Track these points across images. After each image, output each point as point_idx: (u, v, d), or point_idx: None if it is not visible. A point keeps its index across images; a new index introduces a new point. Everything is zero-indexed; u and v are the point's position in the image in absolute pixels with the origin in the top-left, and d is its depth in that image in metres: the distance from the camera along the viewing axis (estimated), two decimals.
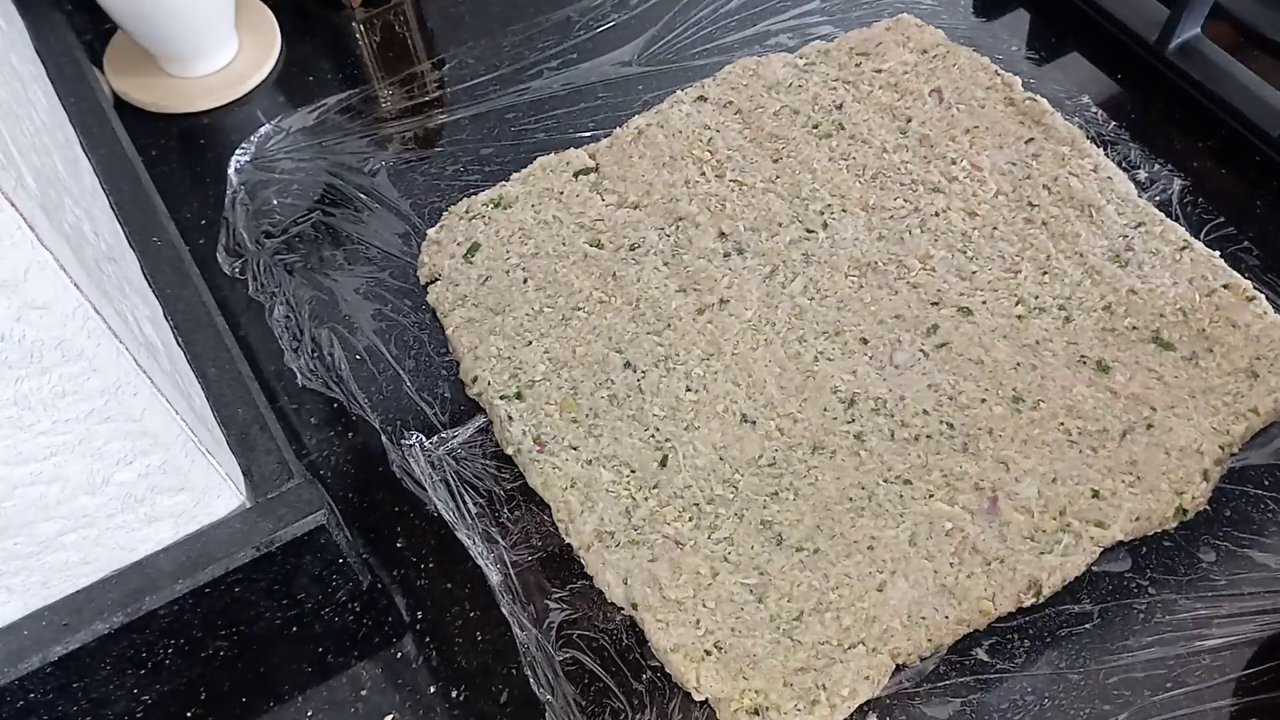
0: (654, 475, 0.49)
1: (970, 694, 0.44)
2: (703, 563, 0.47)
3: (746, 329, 0.54)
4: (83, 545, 0.40)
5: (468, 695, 0.46)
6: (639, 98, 0.67)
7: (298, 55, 0.72)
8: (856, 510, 0.48)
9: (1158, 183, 0.60)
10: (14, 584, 0.40)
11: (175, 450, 0.39)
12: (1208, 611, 0.46)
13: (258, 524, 0.43)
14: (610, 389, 0.52)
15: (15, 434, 0.35)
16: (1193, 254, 0.54)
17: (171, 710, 0.47)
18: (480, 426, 0.53)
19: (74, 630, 0.41)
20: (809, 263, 0.56)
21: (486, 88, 0.68)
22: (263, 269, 0.60)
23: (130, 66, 0.70)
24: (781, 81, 0.64)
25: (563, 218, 0.59)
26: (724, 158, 0.61)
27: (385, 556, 0.50)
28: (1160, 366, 0.51)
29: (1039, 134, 0.60)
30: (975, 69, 0.63)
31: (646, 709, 0.45)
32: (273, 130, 0.66)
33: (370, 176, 0.64)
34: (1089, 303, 0.53)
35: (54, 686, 0.42)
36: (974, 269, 0.55)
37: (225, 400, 0.47)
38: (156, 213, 0.55)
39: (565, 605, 0.47)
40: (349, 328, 0.58)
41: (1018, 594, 0.45)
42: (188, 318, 0.50)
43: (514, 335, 0.55)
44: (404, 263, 0.60)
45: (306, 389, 0.56)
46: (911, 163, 0.60)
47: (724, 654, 0.44)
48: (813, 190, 0.59)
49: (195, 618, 0.44)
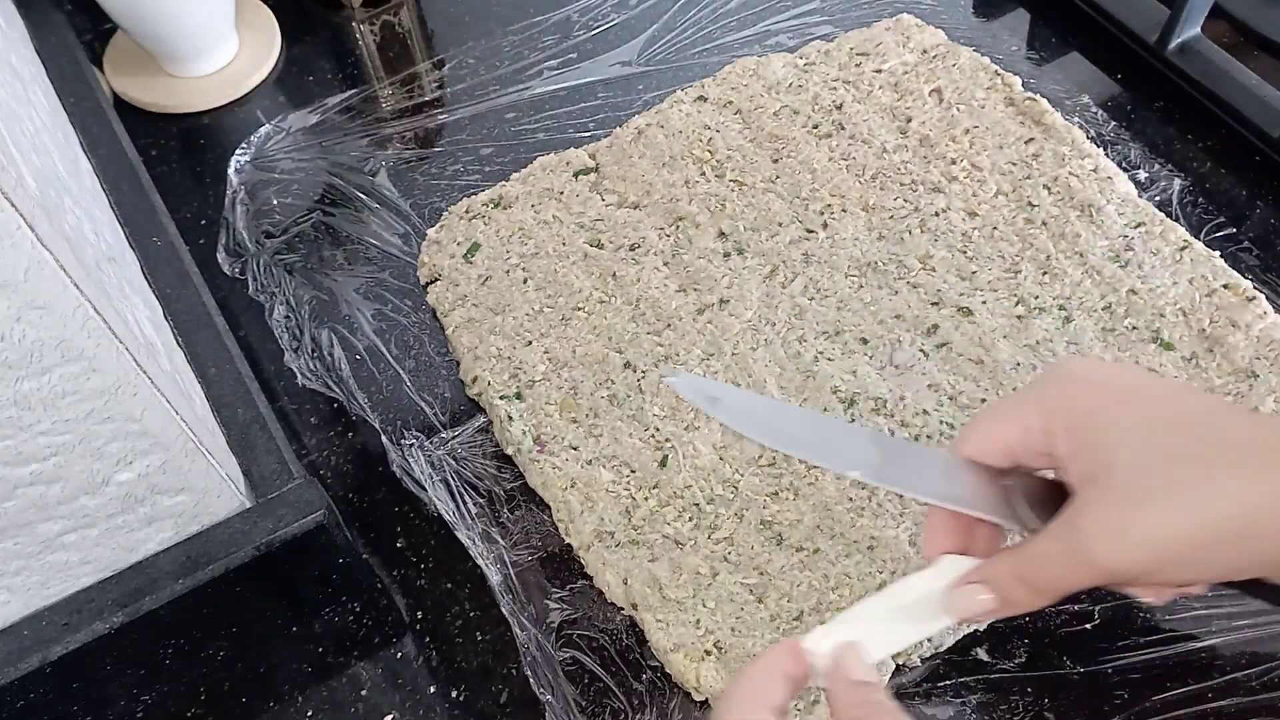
0: (654, 475, 0.49)
1: (970, 694, 0.44)
2: (703, 563, 0.47)
3: (746, 329, 0.54)
4: (83, 545, 0.40)
5: (468, 695, 0.46)
6: (639, 98, 0.67)
7: (298, 55, 0.72)
8: (856, 510, 0.48)
9: (1158, 183, 0.60)
10: (14, 584, 0.40)
11: (175, 450, 0.39)
12: (1207, 611, 0.46)
13: (258, 524, 0.43)
14: (610, 389, 0.52)
15: (15, 434, 0.35)
16: (1193, 254, 0.54)
17: (171, 710, 0.47)
18: (480, 426, 0.53)
19: (74, 630, 0.41)
20: (809, 263, 0.56)
21: (486, 88, 0.68)
22: (263, 269, 0.60)
23: (130, 66, 0.70)
24: (781, 81, 0.64)
25: (563, 218, 0.59)
26: (724, 158, 0.61)
27: (385, 556, 0.50)
28: (1160, 366, 0.51)
29: (1039, 134, 0.60)
30: (975, 69, 0.63)
31: (646, 709, 0.45)
32: (273, 130, 0.66)
33: (370, 176, 0.64)
34: (1089, 303, 0.53)
35: (54, 686, 0.42)
36: (974, 269, 0.55)
37: (225, 400, 0.47)
38: (156, 213, 0.55)
39: (565, 605, 0.47)
40: (349, 328, 0.58)
41: None
42: (188, 318, 0.50)
43: (514, 335, 0.55)
44: (404, 263, 0.60)
45: (306, 389, 0.56)
46: (911, 163, 0.60)
47: (724, 654, 0.44)
48: (813, 190, 0.59)
49: (195, 618, 0.44)
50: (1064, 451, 0.35)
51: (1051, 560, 0.35)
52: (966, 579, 0.38)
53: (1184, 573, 0.33)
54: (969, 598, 0.37)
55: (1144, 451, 0.34)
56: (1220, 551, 0.33)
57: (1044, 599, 0.37)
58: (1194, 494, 0.32)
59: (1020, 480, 0.38)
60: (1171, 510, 0.33)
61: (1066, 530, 0.35)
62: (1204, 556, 0.33)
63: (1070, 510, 0.35)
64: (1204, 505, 0.32)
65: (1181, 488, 0.33)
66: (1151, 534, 0.33)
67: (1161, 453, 0.33)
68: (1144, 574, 0.34)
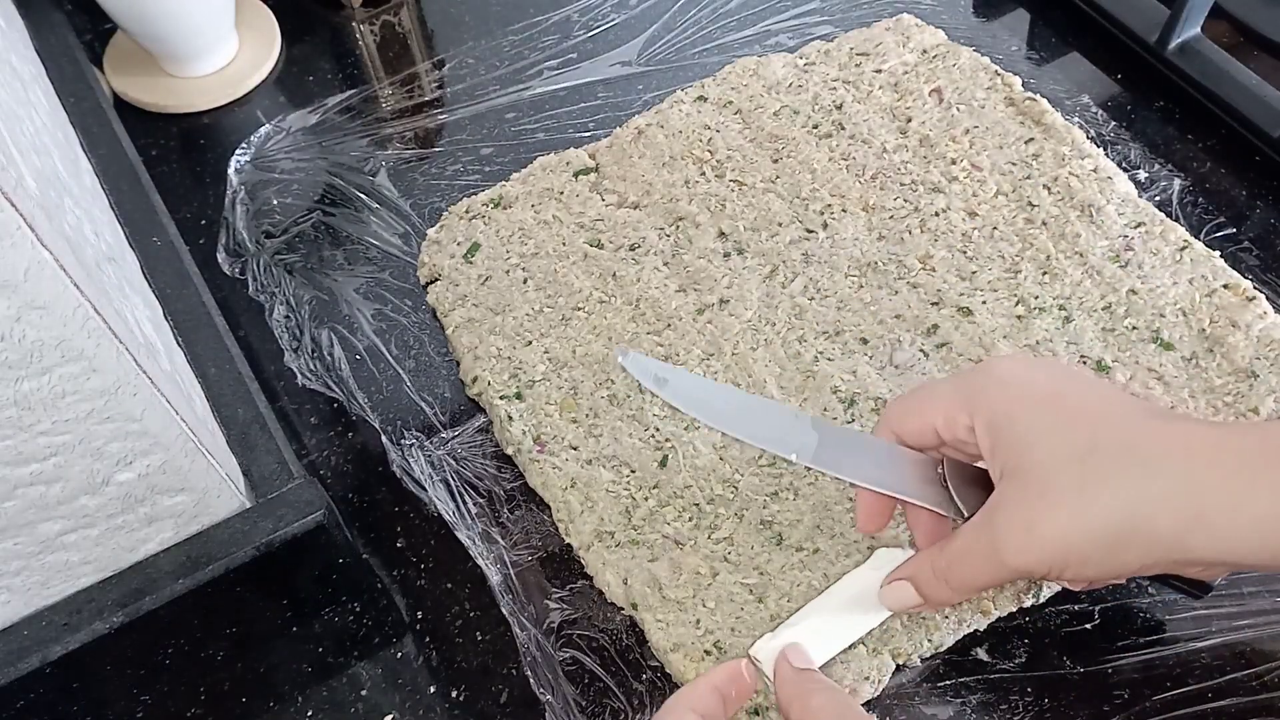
0: (654, 475, 0.49)
1: (970, 694, 0.44)
2: (703, 563, 0.47)
3: (746, 329, 0.54)
4: (83, 545, 0.40)
5: (468, 695, 0.46)
6: (639, 98, 0.67)
7: (298, 55, 0.72)
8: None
9: (1158, 183, 0.60)
10: (14, 584, 0.40)
11: (175, 450, 0.39)
12: (1207, 611, 0.46)
13: (258, 524, 0.43)
14: (610, 389, 0.52)
15: (16, 434, 0.35)
16: (1193, 254, 0.54)
17: (171, 710, 0.47)
18: (480, 426, 0.53)
19: (74, 630, 0.41)
20: (809, 263, 0.56)
21: (486, 88, 0.68)
22: (263, 269, 0.60)
23: (130, 66, 0.70)
24: (781, 81, 0.64)
25: (563, 218, 0.59)
26: (724, 158, 0.61)
27: (385, 556, 0.50)
28: (1160, 366, 0.51)
29: (1039, 134, 0.60)
30: (975, 69, 0.63)
31: (646, 709, 0.45)
32: (273, 130, 0.66)
33: (370, 176, 0.64)
34: (1089, 303, 0.53)
35: (54, 686, 0.42)
36: (974, 269, 0.55)
37: (225, 400, 0.47)
38: (156, 213, 0.55)
39: (565, 605, 0.47)
40: (349, 328, 0.58)
41: (1018, 594, 0.46)
42: (188, 318, 0.50)
43: (514, 335, 0.55)
44: (404, 263, 0.60)
45: (306, 389, 0.56)
46: (911, 163, 0.60)
47: (724, 654, 0.44)
48: (813, 190, 0.59)
49: (195, 618, 0.44)
50: (985, 447, 0.37)
51: (968, 558, 0.37)
52: (893, 576, 0.40)
53: (1090, 569, 0.35)
54: (896, 594, 0.40)
55: (1055, 452, 0.35)
56: (1120, 549, 0.34)
57: (963, 595, 0.39)
58: (1092, 494, 0.34)
59: (952, 465, 0.39)
60: (1073, 509, 0.34)
61: (982, 527, 0.36)
62: (1105, 554, 0.34)
63: (987, 507, 0.37)
64: (1101, 505, 0.34)
65: (1082, 488, 0.34)
66: (1056, 532, 0.34)
67: (1069, 453, 0.35)
68: (1052, 570, 0.35)
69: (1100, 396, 0.37)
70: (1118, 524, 0.33)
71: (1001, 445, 0.36)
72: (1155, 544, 0.34)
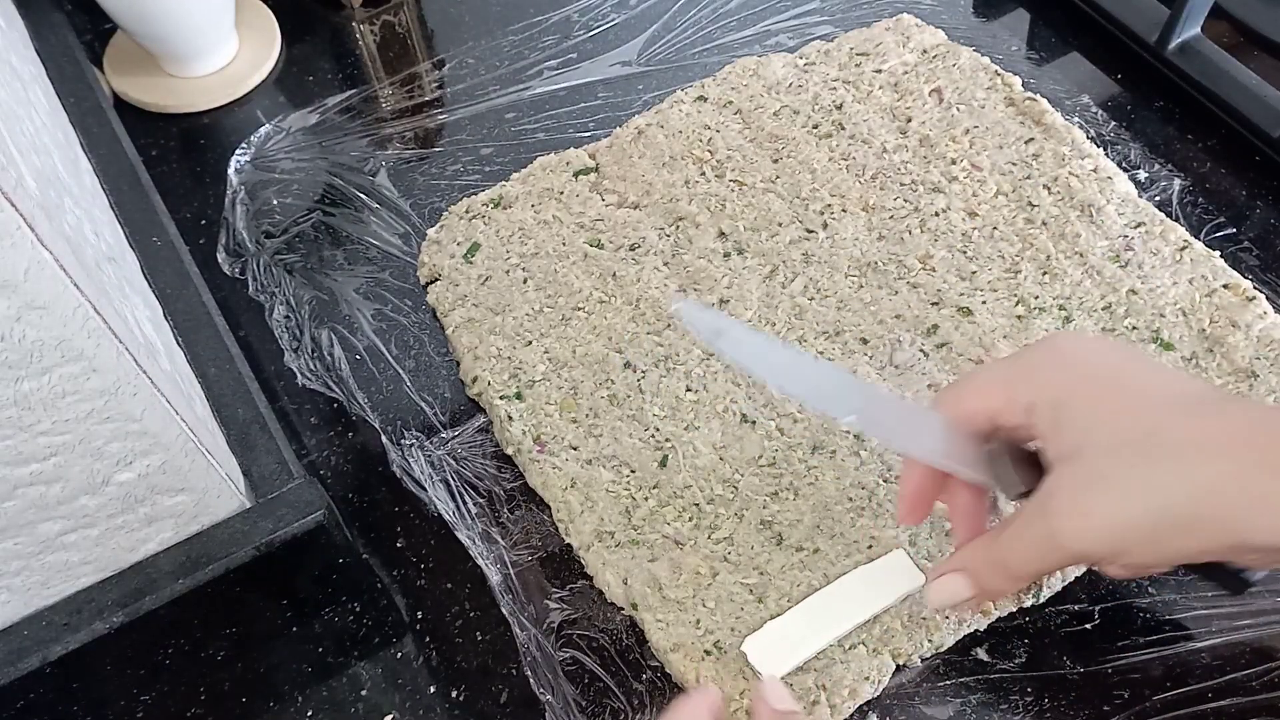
0: (654, 475, 0.49)
1: (970, 694, 0.44)
2: (703, 563, 0.47)
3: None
4: (83, 545, 0.40)
5: (468, 695, 0.46)
6: (639, 98, 0.67)
7: (298, 55, 0.72)
8: (856, 510, 0.48)
9: (1158, 183, 0.60)
10: (14, 584, 0.40)
11: (175, 450, 0.39)
12: (1207, 611, 0.46)
13: (258, 524, 0.43)
14: (610, 389, 0.52)
15: (15, 434, 0.35)
16: (1193, 254, 0.54)
17: (171, 710, 0.47)
18: (480, 426, 0.53)
19: (74, 630, 0.41)
20: (809, 263, 0.56)
21: (486, 88, 0.68)
22: (263, 269, 0.60)
23: (130, 66, 0.70)
24: (781, 81, 0.64)
25: (563, 218, 0.59)
26: (724, 158, 0.61)
27: (385, 556, 0.50)
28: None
29: (1039, 134, 0.60)
30: (975, 69, 0.63)
31: (646, 709, 0.45)
32: (273, 130, 0.66)
33: (370, 176, 0.64)
34: (1089, 303, 0.53)
35: (54, 686, 0.42)
36: (974, 269, 0.55)
37: (225, 400, 0.47)
38: (156, 213, 0.55)
39: (565, 605, 0.47)
40: (349, 328, 0.58)
41: (1018, 594, 0.46)
42: (188, 318, 0.50)
43: (514, 335, 0.55)
44: (404, 263, 0.60)
45: (306, 389, 0.56)
46: (911, 163, 0.60)
47: (724, 654, 0.44)
48: (813, 190, 0.59)
49: (195, 618, 0.44)
50: (1044, 429, 0.37)
51: (1025, 543, 0.36)
52: (941, 569, 0.39)
53: (1143, 555, 0.35)
54: (947, 588, 0.39)
55: (1115, 435, 0.35)
56: (1180, 534, 0.34)
57: (1019, 583, 0.38)
58: (1144, 482, 0.34)
59: (1003, 443, 0.39)
60: (1134, 493, 0.34)
61: (1038, 511, 0.36)
62: (1165, 538, 0.34)
63: (1042, 491, 0.36)
64: (1162, 489, 0.34)
65: (1144, 472, 0.34)
66: (1116, 516, 0.34)
67: (1129, 437, 0.35)
68: (1109, 555, 0.35)
69: (1162, 379, 0.37)
70: (1178, 508, 0.33)
71: (1063, 426, 0.36)
72: (1216, 529, 0.33)
